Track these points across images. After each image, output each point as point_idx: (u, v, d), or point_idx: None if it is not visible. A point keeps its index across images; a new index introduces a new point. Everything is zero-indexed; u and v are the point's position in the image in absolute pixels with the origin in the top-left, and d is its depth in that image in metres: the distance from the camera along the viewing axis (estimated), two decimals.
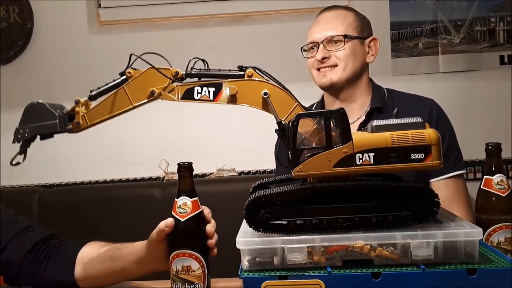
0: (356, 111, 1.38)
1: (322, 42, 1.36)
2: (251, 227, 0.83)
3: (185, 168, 0.88)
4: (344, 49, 1.34)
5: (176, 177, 1.78)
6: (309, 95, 0.91)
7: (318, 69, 1.38)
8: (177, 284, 0.84)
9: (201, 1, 1.87)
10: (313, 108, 1.49)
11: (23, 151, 0.94)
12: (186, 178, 0.87)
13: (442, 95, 1.68)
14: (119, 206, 1.71)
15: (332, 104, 1.41)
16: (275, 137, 0.90)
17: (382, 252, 0.77)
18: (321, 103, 1.46)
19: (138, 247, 0.96)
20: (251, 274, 0.78)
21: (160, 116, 1.91)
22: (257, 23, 1.86)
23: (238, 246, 0.80)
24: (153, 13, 1.87)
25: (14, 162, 0.93)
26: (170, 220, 0.86)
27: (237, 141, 1.89)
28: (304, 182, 0.86)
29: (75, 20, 1.89)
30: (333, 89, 1.38)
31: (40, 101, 0.92)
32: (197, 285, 0.83)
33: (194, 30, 1.85)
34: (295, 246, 0.78)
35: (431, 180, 1.31)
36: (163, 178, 1.85)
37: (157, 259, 0.93)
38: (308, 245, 0.78)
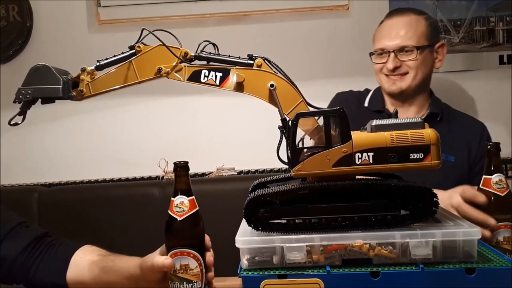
0: (412, 114, 1.42)
1: (393, 51, 1.36)
2: (251, 226, 0.83)
3: (181, 167, 0.87)
4: (416, 60, 1.35)
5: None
6: (306, 94, 0.91)
7: (387, 75, 1.39)
8: (175, 284, 0.82)
9: (201, 0, 1.87)
10: (369, 95, 1.51)
11: (22, 112, 0.92)
12: (183, 177, 0.86)
13: (441, 94, 1.68)
14: (119, 206, 1.71)
15: (390, 103, 1.45)
16: (274, 136, 0.90)
17: (381, 251, 0.78)
18: (382, 99, 1.47)
19: (131, 263, 0.94)
20: (250, 273, 0.78)
21: (160, 115, 1.91)
22: (257, 22, 1.86)
23: (237, 245, 0.80)
24: (153, 12, 1.87)
25: (12, 123, 0.91)
26: (168, 260, 0.82)
27: (236, 140, 1.89)
28: (303, 181, 0.86)
29: (74, 19, 1.89)
30: (401, 96, 1.41)
31: (45, 63, 0.92)
32: (195, 283, 0.82)
33: (193, 29, 1.85)
34: (294, 245, 0.78)
35: None
36: (163, 177, 1.85)
37: (149, 282, 0.90)
38: (307, 244, 0.79)
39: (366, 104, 1.49)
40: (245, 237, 0.81)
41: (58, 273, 0.99)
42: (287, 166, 0.85)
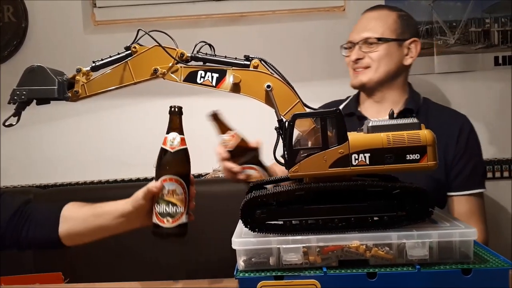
0: (386, 110, 1.37)
1: (358, 43, 1.37)
2: (247, 227, 0.83)
3: (175, 110, 0.97)
4: (378, 51, 1.35)
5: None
6: (303, 95, 0.91)
7: (354, 69, 1.40)
8: (161, 206, 0.91)
9: (198, 1, 1.87)
10: (346, 102, 1.50)
11: (17, 113, 0.93)
12: (177, 118, 0.96)
13: (437, 95, 1.68)
14: None
15: (364, 102, 1.44)
16: (271, 138, 0.90)
17: (378, 252, 0.78)
18: (356, 99, 1.47)
19: (120, 204, 1.01)
20: (246, 274, 0.78)
21: (156, 116, 1.89)
22: (254, 23, 1.86)
23: (234, 247, 0.80)
24: (149, 12, 1.87)
25: (7, 124, 0.92)
26: (159, 183, 0.92)
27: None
28: (300, 182, 0.86)
29: (70, 19, 1.88)
30: (364, 89, 1.41)
31: (40, 64, 0.92)
32: (179, 207, 0.91)
33: (190, 30, 1.84)
34: (291, 246, 0.78)
35: (453, 193, 1.32)
36: None
37: (140, 215, 0.97)
38: (304, 245, 0.79)
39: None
40: (242, 238, 0.81)
41: (50, 228, 1.04)
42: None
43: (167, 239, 0.92)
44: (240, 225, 0.86)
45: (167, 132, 0.96)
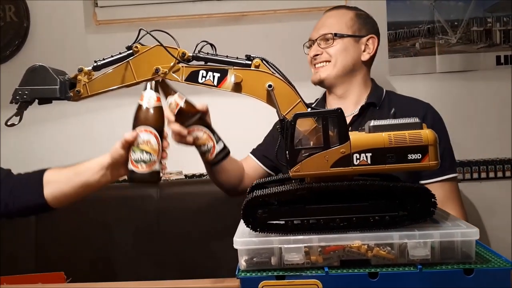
0: (351, 106, 1.40)
1: (316, 40, 1.41)
2: (249, 227, 0.83)
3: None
4: (333, 46, 1.38)
5: (173, 177, 1.78)
6: (305, 95, 0.91)
7: (315, 66, 1.42)
8: (136, 153, 0.96)
9: (199, 0, 1.87)
10: (315, 104, 1.51)
11: (19, 112, 0.94)
12: (156, 82, 0.98)
13: (439, 95, 1.68)
14: (116, 206, 1.70)
15: (328, 100, 1.45)
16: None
17: (379, 252, 0.78)
18: (323, 98, 1.49)
19: (100, 158, 1.06)
20: (248, 274, 0.78)
21: None
22: (255, 22, 1.86)
23: (235, 246, 0.80)
24: (150, 12, 1.87)
25: (9, 123, 0.94)
26: (134, 133, 0.96)
27: (233, 140, 1.88)
28: (301, 182, 0.86)
29: (71, 19, 1.88)
30: (324, 85, 1.43)
31: (42, 64, 0.92)
32: (152, 155, 0.96)
33: (191, 30, 1.84)
34: (293, 246, 0.78)
35: (426, 181, 1.31)
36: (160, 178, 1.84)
37: (118, 165, 1.02)
38: (305, 245, 0.79)
39: None
40: (243, 238, 0.81)
41: (35, 193, 1.07)
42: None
43: (141, 183, 0.98)
44: (241, 224, 0.86)
45: (144, 89, 0.99)
